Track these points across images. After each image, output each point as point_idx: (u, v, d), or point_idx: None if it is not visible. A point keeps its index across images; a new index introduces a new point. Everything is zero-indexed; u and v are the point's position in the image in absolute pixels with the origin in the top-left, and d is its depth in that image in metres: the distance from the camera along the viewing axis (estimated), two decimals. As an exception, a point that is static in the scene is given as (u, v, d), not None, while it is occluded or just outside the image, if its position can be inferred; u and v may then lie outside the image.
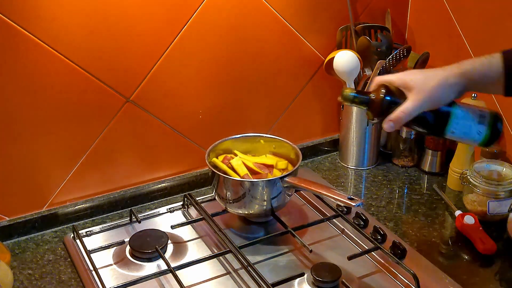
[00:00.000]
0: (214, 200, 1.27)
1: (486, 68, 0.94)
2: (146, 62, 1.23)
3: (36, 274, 1.11)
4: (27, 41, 1.09)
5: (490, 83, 0.95)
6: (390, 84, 0.97)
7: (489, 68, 0.93)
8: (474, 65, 0.94)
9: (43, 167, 1.20)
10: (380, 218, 1.27)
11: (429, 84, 0.93)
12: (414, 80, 0.94)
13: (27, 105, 1.14)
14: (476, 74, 0.94)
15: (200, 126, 1.35)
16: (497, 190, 1.21)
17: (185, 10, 1.23)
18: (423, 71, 0.97)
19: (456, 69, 0.94)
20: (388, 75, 0.99)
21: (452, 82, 0.93)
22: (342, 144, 1.51)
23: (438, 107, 0.95)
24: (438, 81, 0.93)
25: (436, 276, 1.08)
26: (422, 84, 0.93)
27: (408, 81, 0.94)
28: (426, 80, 0.93)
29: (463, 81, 0.93)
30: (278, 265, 1.12)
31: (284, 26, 1.36)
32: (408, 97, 0.94)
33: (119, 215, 1.29)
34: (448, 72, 0.94)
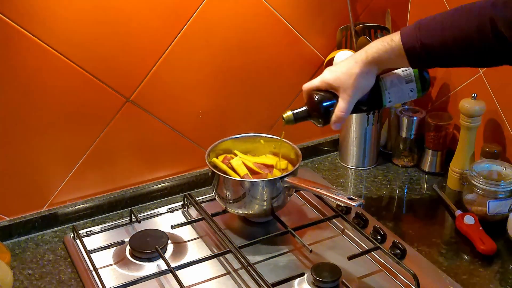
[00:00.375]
0: (214, 200, 1.27)
1: (390, 53, 1.04)
2: (146, 62, 1.23)
3: (36, 274, 1.11)
4: (27, 41, 1.09)
5: (397, 62, 1.06)
6: (319, 90, 1.10)
7: (392, 52, 1.03)
8: (379, 52, 1.04)
9: (43, 167, 1.21)
10: (380, 218, 1.26)
11: (351, 80, 1.05)
12: (336, 80, 1.07)
13: (27, 105, 1.14)
14: (384, 59, 1.05)
15: (200, 126, 1.35)
16: (497, 190, 1.21)
17: (185, 10, 1.23)
18: (340, 68, 1.08)
19: (365, 58, 1.05)
20: (312, 82, 1.11)
21: (366, 70, 1.06)
22: (342, 144, 1.51)
23: (367, 91, 1.08)
24: (356, 75, 1.05)
25: (436, 276, 1.08)
26: (344, 81, 1.06)
27: (332, 83, 1.07)
28: (346, 77, 1.06)
29: (375, 66, 1.06)
30: (278, 265, 1.12)
31: (284, 26, 1.36)
32: (339, 96, 1.07)
33: (119, 215, 1.29)
34: (360, 64, 1.05)
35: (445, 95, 1.49)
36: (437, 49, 1.00)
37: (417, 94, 1.14)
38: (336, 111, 1.08)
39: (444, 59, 1.03)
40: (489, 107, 1.32)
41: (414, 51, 1.01)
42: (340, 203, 1.09)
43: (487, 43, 0.95)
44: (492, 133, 1.36)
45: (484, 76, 1.36)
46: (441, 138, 1.41)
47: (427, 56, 1.01)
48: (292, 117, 1.12)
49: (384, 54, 1.04)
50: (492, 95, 1.34)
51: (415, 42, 1.01)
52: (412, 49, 1.01)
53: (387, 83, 1.11)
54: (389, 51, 1.04)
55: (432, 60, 1.03)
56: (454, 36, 0.98)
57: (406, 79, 1.12)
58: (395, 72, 1.12)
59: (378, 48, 1.05)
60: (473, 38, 0.96)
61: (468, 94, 1.32)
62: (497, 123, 1.34)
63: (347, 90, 1.06)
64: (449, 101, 1.48)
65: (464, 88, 1.42)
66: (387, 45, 1.04)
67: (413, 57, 1.02)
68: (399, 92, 1.12)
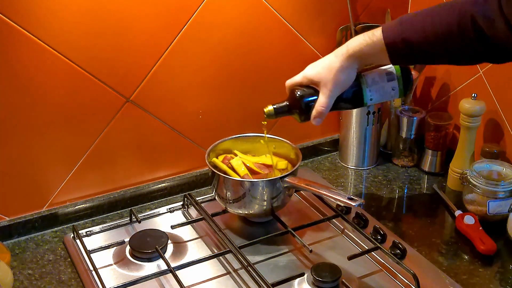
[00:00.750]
0: (214, 200, 1.27)
1: (371, 48, 1.03)
2: (146, 62, 1.23)
3: (36, 274, 1.11)
4: (27, 40, 1.09)
5: (378, 58, 1.05)
6: (300, 85, 1.10)
7: (373, 46, 1.03)
8: (361, 46, 1.04)
9: (43, 167, 1.21)
10: (380, 218, 1.26)
11: (331, 74, 1.05)
12: (317, 75, 1.07)
13: (27, 105, 1.14)
14: (365, 53, 1.04)
15: (200, 126, 1.35)
16: (497, 190, 1.21)
17: (185, 10, 1.23)
18: (321, 63, 1.08)
19: (346, 53, 1.05)
20: (294, 78, 1.11)
21: (347, 65, 1.05)
22: (342, 144, 1.51)
23: (348, 87, 1.08)
24: (336, 69, 1.05)
25: (436, 276, 1.08)
26: (325, 76, 1.06)
27: (313, 78, 1.07)
28: (327, 72, 1.06)
29: (356, 61, 1.05)
30: (278, 265, 1.12)
31: (284, 26, 1.36)
32: (320, 91, 1.07)
33: (119, 215, 1.29)
34: (340, 58, 1.05)
35: (445, 95, 1.49)
36: (418, 45, 0.99)
37: (399, 94, 1.12)
38: (316, 106, 1.07)
39: (424, 54, 1.02)
40: (489, 107, 1.32)
41: (395, 46, 1.01)
42: (340, 203, 1.09)
43: (468, 40, 0.95)
44: (492, 133, 1.36)
45: (484, 76, 1.36)
46: (441, 138, 1.41)
47: (408, 51, 1.01)
48: (272, 111, 1.12)
49: (365, 48, 1.03)
50: (492, 95, 1.34)
51: (396, 37, 1.00)
52: (393, 44, 1.01)
53: (368, 81, 1.10)
54: (370, 46, 1.03)
55: (412, 55, 1.02)
56: (435, 31, 0.97)
57: (388, 77, 1.10)
58: (377, 69, 1.11)
59: (359, 42, 1.04)
60: (453, 34, 0.96)
61: (468, 94, 1.32)
62: (497, 123, 1.34)
63: (327, 85, 1.06)
64: (449, 101, 1.48)
65: (464, 88, 1.42)
66: (369, 40, 1.03)
67: (394, 52, 1.02)
68: (381, 90, 1.11)
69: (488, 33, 0.92)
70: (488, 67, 1.35)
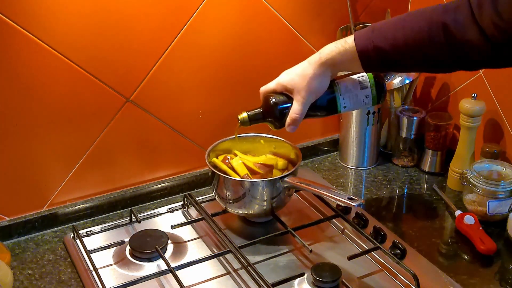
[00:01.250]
0: (214, 200, 1.27)
1: (343, 55, 1.03)
2: (146, 62, 1.23)
3: (36, 274, 1.11)
4: (27, 40, 1.09)
5: (351, 65, 1.05)
6: (274, 92, 1.10)
7: (346, 54, 1.03)
8: (333, 54, 1.04)
9: (43, 167, 1.21)
10: (380, 218, 1.26)
11: (304, 82, 1.05)
12: (291, 82, 1.07)
13: (27, 105, 1.14)
14: (337, 61, 1.04)
15: (200, 126, 1.35)
16: (497, 190, 1.21)
17: (185, 10, 1.23)
18: (294, 70, 1.08)
19: (319, 60, 1.05)
20: (268, 85, 1.11)
21: (320, 72, 1.05)
22: (342, 144, 1.51)
23: (321, 94, 1.08)
24: (310, 77, 1.05)
25: (436, 276, 1.08)
26: (298, 83, 1.06)
27: (287, 85, 1.07)
28: (300, 79, 1.06)
29: (329, 68, 1.05)
30: (278, 265, 1.12)
31: (284, 26, 1.36)
32: (294, 98, 1.07)
33: (119, 215, 1.29)
34: (314, 65, 1.05)
35: (445, 95, 1.49)
36: (389, 52, 0.99)
37: (372, 102, 1.12)
38: (290, 113, 1.07)
39: (396, 62, 1.01)
40: (489, 107, 1.32)
41: (367, 53, 1.00)
42: (340, 203, 1.09)
43: (439, 47, 0.95)
44: (492, 133, 1.36)
45: (484, 76, 1.36)
46: (441, 138, 1.41)
47: (380, 59, 1.00)
48: (247, 118, 1.12)
49: (338, 55, 1.03)
50: (492, 95, 1.34)
51: (368, 44, 1.00)
52: (365, 51, 1.00)
53: (342, 88, 1.10)
54: (343, 53, 1.02)
55: (384, 63, 1.01)
56: (406, 38, 0.97)
57: (361, 85, 1.10)
58: (351, 77, 1.11)
59: (332, 49, 1.04)
60: (424, 42, 0.95)
61: (468, 94, 1.32)
62: (497, 123, 1.34)
63: (300, 92, 1.06)
64: (449, 101, 1.48)
65: (464, 88, 1.42)
66: (341, 47, 1.03)
67: (366, 60, 1.01)
68: (354, 98, 1.11)
69: (461, 40, 0.92)
70: (488, 67, 1.35)
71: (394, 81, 1.38)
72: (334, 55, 1.03)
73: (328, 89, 1.08)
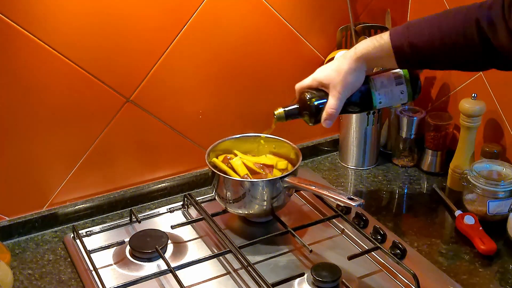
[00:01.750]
0: (214, 200, 1.27)
1: (378, 50, 1.04)
2: (146, 62, 1.23)
3: (36, 274, 1.11)
4: (27, 40, 1.09)
5: (386, 61, 1.06)
6: (310, 88, 1.11)
7: (381, 50, 1.04)
8: (368, 49, 1.05)
9: (43, 167, 1.21)
10: (380, 218, 1.26)
11: (340, 76, 1.06)
12: (326, 77, 1.08)
13: (26, 105, 1.14)
14: (372, 56, 1.05)
15: (200, 126, 1.35)
16: (497, 190, 1.21)
17: (185, 10, 1.23)
18: (331, 66, 1.09)
19: (354, 55, 1.06)
20: (303, 81, 1.12)
21: (355, 67, 1.06)
22: (342, 144, 1.51)
23: (357, 89, 1.09)
24: (345, 71, 1.06)
25: (436, 276, 1.08)
26: (334, 78, 1.07)
27: (323, 80, 1.08)
28: (336, 74, 1.06)
29: (364, 63, 1.06)
30: (278, 265, 1.12)
31: (284, 26, 1.36)
32: (329, 94, 1.08)
33: (119, 215, 1.29)
34: (349, 60, 1.06)
35: (445, 95, 1.49)
36: (424, 49, 1.00)
37: (408, 98, 1.13)
38: (326, 108, 1.08)
39: (431, 60, 1.02)
40: (489, 107, 1.32)
41: (402, 50, 1.01)
42: (340, 203, 1.09)
43: (473, 46, 0.95)
44: (492, 133, 1.36)
45: (484, 76, 1.36)
46: (441, 138, 1.41)
47: (414, 56, 1.01)
48: (283, 114, 1.13)
49: (373, 51, 1.05)
50: (492, 95, 1.34)
51: (403, 41, 1.01)
52: (400, 47, 1.02)
53: (377, 84, 1.11)
54: (378, 48, 1.04)
55: (419, 60, 1.03)
56: (441, 36, 0.98)
57: (396, 81, 1.11)
58: (386, 73, 1.12)
59: (367, 45, 1.06)
60: (459, 39, 0.96)
61: (468, 94, 1.32)
62: (497, 123, 1.34)
63: (336, 87, 1.06)
64: (449, 101, 1.48)
65: (464, 88, 1.42)
66: (376, 43, 1.04)
67: (401, 56, 1.02)
68: (389, 94, 1.12)
69: (492, 39, 0.92)
70: (488, 67, 1.35)
71: (394, 81, 1.38)
72: (369, 50, 1.05)
73: (363, 84, 1.09)
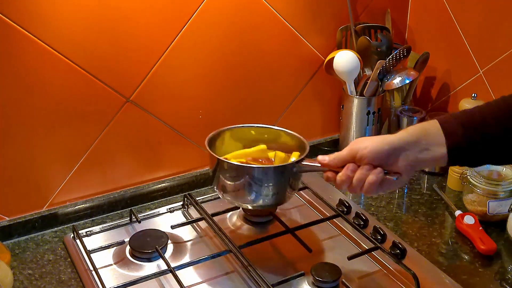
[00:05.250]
0: (214, 200, 1.27)
1: None
2: (146, 62, 1.23)
3: (36, 274, 1.11)
4: (27, 40, 1.09)
5: None
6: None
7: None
8: None
9: (43, 167, 1.21)
10: (380, 218, 1.27)
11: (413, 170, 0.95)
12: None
13: (26, 105, 1.14)
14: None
15: (200, 126, 1.35)
16: (497, 190, 1.21)
17: (185, 10, 1.23)
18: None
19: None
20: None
21: None
22: (342, 144, 1.51)
23: None
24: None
25: (436, 276, 1.08)
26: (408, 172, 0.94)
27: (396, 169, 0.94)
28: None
29: None
30: (278, 265, 1.11)
31: (284, 26, 1.36)
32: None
33: (119, 215, 1.29)
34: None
35: (445, 95, 1.49)
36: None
37: None
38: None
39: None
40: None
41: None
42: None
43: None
44: (492, 133, 1.36)
45: (484, 76, 1.36)
46: (441, 138, 1.41)
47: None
48: None
49: None
50: (492, 95, 1.34)
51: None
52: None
53: None
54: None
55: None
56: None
57: None
58: None
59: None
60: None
61: (468, 94, 1.32)
62: (497, 123, 1.34)
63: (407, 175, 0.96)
64: (449, 101, 1.48)
65: (464, 88, 1.42)
66: None
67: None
68: None
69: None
70: (488, 67, 1.35)
71: (394, 81, 1.38)
72: None
73: None
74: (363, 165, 0.93)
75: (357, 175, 0.93)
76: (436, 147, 0.90)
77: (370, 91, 1.40)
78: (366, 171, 0.93)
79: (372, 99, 1.41)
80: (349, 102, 1.43)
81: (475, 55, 1.38)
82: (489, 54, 1.34)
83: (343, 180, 0.95)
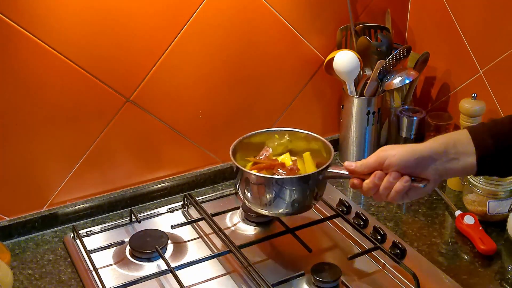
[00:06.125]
0: (214, 200, 1.27)
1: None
2: (146, 62, 1.23)
3: (36, 274, 1.11)
4: (27, 40, 1.09)
5: None
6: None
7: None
8: None
9: (43, 167, 1.21)
10: (380, 218, 1.27)
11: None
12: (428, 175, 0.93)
13: (26, 105, 1.14)
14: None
15: (200, 126, 1.35)
16: (497, 190, 1.21)
17: (185, 10, 1.23)
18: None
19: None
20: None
21: None
22: (342, 144, 1.51)
23: None
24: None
25: (436, 276, 1.08)
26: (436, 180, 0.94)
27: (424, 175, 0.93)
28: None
29: None
30: (278, 265, 1.11)
31: (284, 26, 1.36)
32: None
33: (119, 215, 1.29)
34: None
35: (445, 95, 1.49)
36: None
37: None
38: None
39: None
40: (489, 107, 1.32)
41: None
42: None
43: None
44: (492, 133, 1.36)
45: (484, 76, 1.36)
46: (441, 138, 1.41)
47: None
48: None
49: None
50: (492, 95, 1.34)
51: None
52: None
53: None
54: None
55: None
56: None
57: None
58: None
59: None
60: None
61: (468, 94, 1.32)
62: (497, 123, 1.34)
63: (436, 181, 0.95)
64: (449, 101, 1.48)
65: (464, 88, 1.42)
66: None
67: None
68: None
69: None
70: (488, 67, 1.35)
71: (394, 81, 1.38)
72: None
73: None
74: (390, 173, 0.93)
75: (384, 183, 0.93)
76: (465, 157, 0.90)
77: (370, 91, 1.40)
78: (393, 179, 0.92)
79: (372, 99, 1.41)
80: (349, 102, 1.43)
81: (475, 55, 1.37)
82: (489, 54, 1.34)
83: (370, 188, 0.94)
